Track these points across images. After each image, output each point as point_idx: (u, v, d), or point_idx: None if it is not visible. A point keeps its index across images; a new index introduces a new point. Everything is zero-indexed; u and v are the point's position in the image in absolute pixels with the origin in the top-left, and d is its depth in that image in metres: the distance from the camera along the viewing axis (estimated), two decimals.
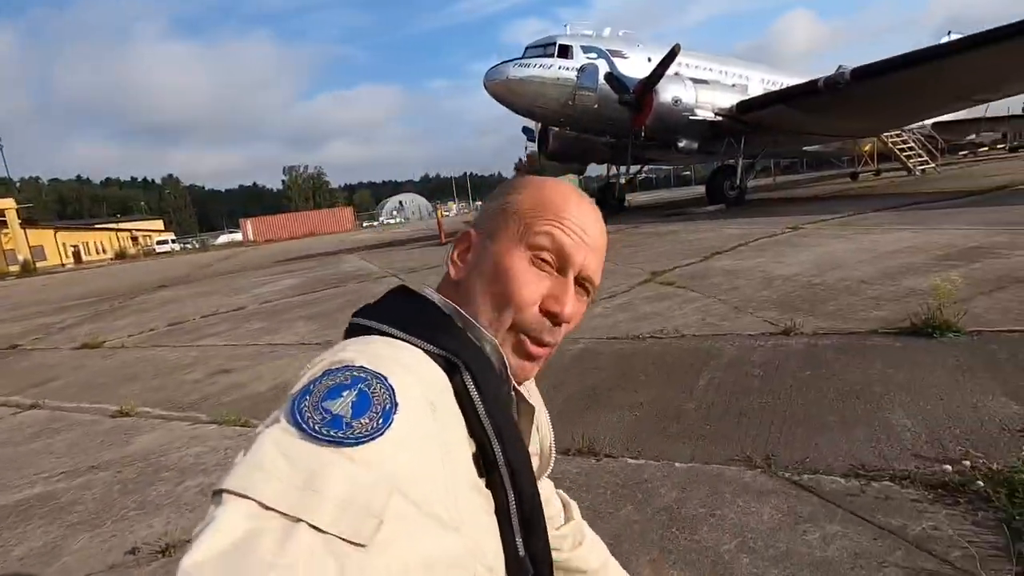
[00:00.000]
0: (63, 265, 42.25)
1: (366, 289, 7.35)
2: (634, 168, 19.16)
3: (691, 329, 3.46)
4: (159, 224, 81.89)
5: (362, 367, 0.49)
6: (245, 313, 6.66)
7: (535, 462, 0.77)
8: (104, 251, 55.69)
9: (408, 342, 0.57)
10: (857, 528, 1.47)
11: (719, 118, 12.98)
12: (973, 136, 25.23)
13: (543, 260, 0.64)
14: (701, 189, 17.94)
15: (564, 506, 0.98)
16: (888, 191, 12.92)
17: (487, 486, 0.57)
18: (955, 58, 9.83)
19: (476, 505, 0.54)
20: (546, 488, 0.94)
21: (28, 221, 42.23)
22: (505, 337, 0.64)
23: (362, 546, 0.41)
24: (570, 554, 0.93)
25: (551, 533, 0.91)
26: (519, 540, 0.59)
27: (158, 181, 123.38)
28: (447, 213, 55.91)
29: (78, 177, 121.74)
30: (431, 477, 0.47)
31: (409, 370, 0.52)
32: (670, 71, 12.54)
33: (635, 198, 28.04)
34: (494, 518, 0.57)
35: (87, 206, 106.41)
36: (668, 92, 12.42)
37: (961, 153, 27.23)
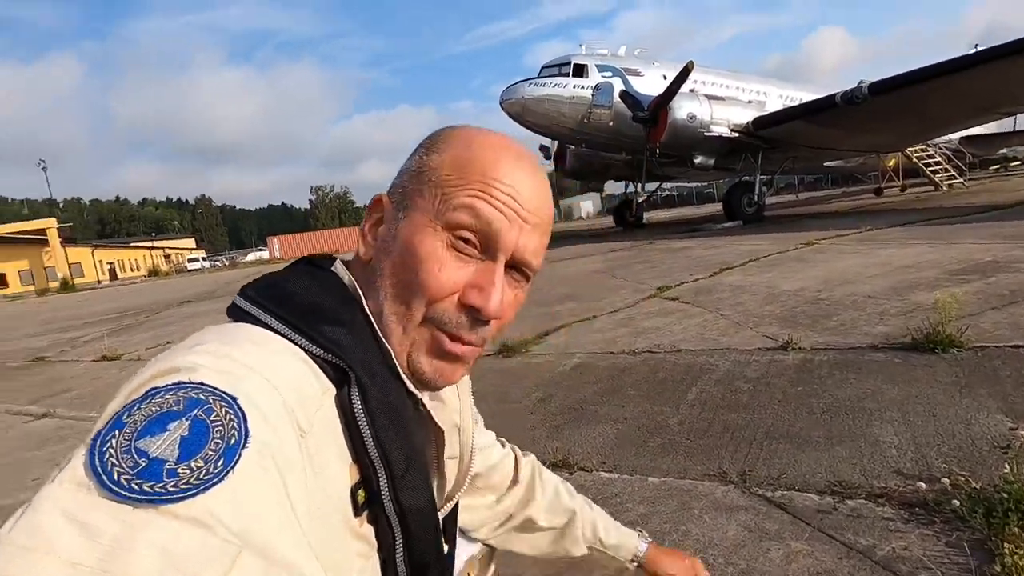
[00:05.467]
0: (99, 282, 43.88)
1: None
2: (652, 185, 19.12)
3: (688, 344, 3.41)
4: (191, 242, 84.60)
5: (202, 384, 0.38)
6: None
7: (452, 471, 0.68)
8: (138, 268, 57.70)
9: (286, 337, 0.46)
10: (824, 546, 1.42)
11: (735, 134, 12.90)
12: (1005, 150, 24.53)
13: (464, 240, 0.51)
14: (721, 206, 17.82)
15: (516, 464, 0.88)
16: (911, 206, 12.60)
17: (369, 521, 0.48)
18: (975, 70, 9.63)
19: (351, 551, 0.46)
20: (493, 454, 0.85)
21: (68, 240, 44.13)
22: (417, 334, 0.52)
23: None
24: (524, 513, 0.85)
25: (492, 508, 0.83)
26: None
27: (191, 201, 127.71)
28: None
29: (117, 198, 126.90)
30: (293, 525, 0.37)
31: (271, 384, 0.41)
32: (685, 88, 12.55)
33: (654, 215, 27.90)
34: (374, 560, 0.49)
35: (124, 225, 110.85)
36: (683, 109, 12.42)
37: (992, 168, 26.45)
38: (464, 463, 0.69)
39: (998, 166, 26.82)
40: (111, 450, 0.34)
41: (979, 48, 15.70)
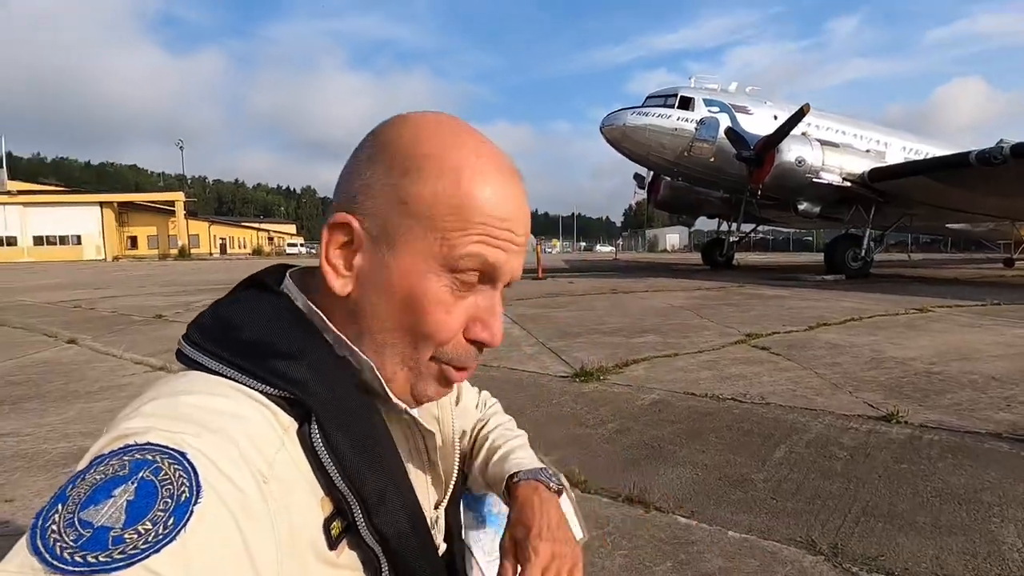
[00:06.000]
0: (211, 254, 48.40)
1: None
2: (747, 226, 18.36)
3: (778, 398, 3.24)
4: (292, 228, 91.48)
5: (148, 444, 0.37)
6: None
7: (442, 459, 0.69)
8: (245, 246, 63.02)
9: (236, 380, 0.45)
10: None
11: (847, 183, 12.13)
12: None
13: (467, 280, 0.50)
14: (821, 256, 16.77)
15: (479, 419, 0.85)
16: None
17: (351, 547, 0.48)
18: None
19: None
20: (471, 414, 0.84)
21: (190, 213, 49.12)
22: (425, 368, 0.52)
23: None
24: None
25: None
26: None
27: (297, 190, 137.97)
28: (549, 250, 56.84)
29: (235, 180, 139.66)
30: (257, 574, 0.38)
31: (222, 433, 0.40)
32: (797, 130, 12.01)
33: (746, 258, 26.68)
34: None
35: (238, 206, 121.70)
36: (792, 151, 11.88)
37: None
38: (449, 450, 0.69)
39: None
40: (53, 526, 0.33)
41: None
